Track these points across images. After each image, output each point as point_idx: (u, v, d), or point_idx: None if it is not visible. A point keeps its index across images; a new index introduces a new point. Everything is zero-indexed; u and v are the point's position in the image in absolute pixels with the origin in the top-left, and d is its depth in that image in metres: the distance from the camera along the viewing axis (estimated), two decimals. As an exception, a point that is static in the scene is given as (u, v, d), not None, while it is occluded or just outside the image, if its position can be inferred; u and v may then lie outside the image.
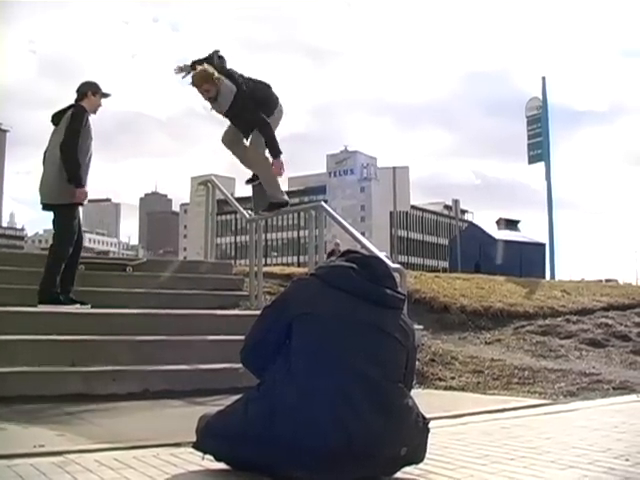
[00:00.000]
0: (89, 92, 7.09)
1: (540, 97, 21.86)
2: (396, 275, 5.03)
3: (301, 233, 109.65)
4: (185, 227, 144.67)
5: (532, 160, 21.73)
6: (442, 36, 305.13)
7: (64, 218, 6.93)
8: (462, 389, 6.12)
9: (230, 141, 7.60)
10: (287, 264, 54.56)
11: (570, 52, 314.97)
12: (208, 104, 7.14)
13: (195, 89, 7.11)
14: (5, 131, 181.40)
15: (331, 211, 7.60)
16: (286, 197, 7.64)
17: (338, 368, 2.70)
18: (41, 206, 6.97)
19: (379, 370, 2.75)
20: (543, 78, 21.75)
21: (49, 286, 6.66)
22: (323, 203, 7.84)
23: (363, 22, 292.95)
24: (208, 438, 2.91)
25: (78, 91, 7.12)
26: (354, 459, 2.63)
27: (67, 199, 6.85)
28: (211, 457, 2.91)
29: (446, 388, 6.14)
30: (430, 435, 2.96)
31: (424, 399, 3.07)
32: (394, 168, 18.51)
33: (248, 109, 7.13)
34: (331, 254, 18.44)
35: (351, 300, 2.84)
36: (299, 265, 53.26)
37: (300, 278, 3.20)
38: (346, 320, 2.80)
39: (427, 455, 2.94)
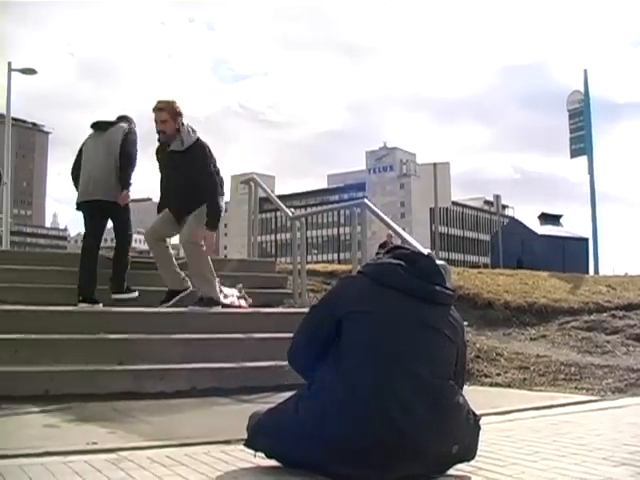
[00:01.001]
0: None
1: (581, 90, 21.63)
2: (441, 272, 5.02)
3: (341, 230, 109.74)
4: (225, 225, 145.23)
5: (574, 154, 21.47)
6: (477, 29, 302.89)
7: (128, 216, 7.50)
8: (508, 385, 6.08)
9: (160, 233, 7.26)
10: (328, 261, 54.59)
11: (607, 43, 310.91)
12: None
13: (155, 115, 6.90)
14: (47, 133, 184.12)
15: (375, 208, 7.60)
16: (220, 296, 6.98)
17: (388, 366, 2.70)
18: (93, 203, 7.24)
19: (429, 367, 2.74)
20: (585, 71, 21.48)
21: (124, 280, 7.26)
22: (366, 200, 7.85)
23: (398, 18, 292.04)
24: (260, 436, 2.93)
25: (123, 118, 7.60)
26: (405, 457, 2.63)
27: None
28: (262, 455, 2.93)
29: (492, 384, 6.11)
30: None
31: (470, 396, 3.04)
32: (434, 164, 18.42)
33: (205, 166, 6.90)
34: (383, 245, 18.46)
35: (399, 297, 2.83)
36: (339, 262, 53.28)
37: (347, 276, 3.20)
38: (395, 318, 2.79)
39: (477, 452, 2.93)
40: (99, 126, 7.45)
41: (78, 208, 7.34)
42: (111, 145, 7.20)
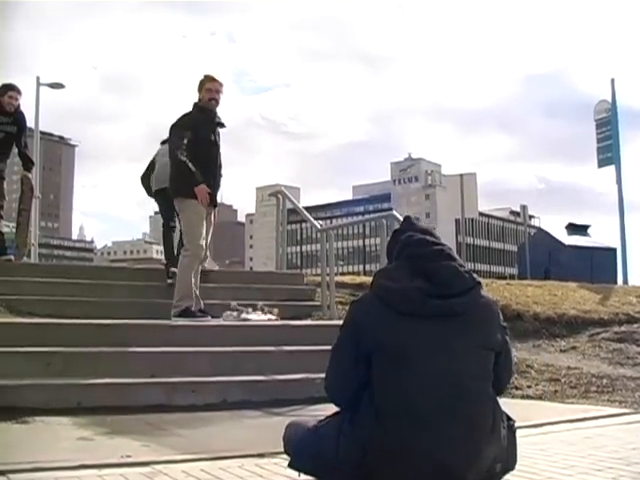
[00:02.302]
0: None
1: (608, 99, 21.47)
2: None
3: (366, 242, 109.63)
4: (251, 237, 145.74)
5: (602, 164, 21.27)
6: (498, 38, 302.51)
7: None
8: (539, 398, 6.04)
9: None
10: (354, 272, 54.44)
11: (629, 50, 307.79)
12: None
13: (216, 85, 7.19)
14: (74, 146, 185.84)
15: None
16: None
17: (419, 398, 2.59)
18: None
19: (461, 389, 2.62)
20: (612, 80, 21.33)
21: None
22: (394, 212, 7.85)
23: (417, 27, 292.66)
24: (303, 457, 2.83)
25: None
26: None
27: None
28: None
29: (523, 397, 6.06)
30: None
31: (502, 408, 3.01)
32: (461, 175, 18.33)
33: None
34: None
35: (414, 321, 2.68)
36: (365, 273, 53.08)
37: (359, 302, 3.00)
38: (415, 345, 2.65)
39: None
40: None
41: None
42: None
